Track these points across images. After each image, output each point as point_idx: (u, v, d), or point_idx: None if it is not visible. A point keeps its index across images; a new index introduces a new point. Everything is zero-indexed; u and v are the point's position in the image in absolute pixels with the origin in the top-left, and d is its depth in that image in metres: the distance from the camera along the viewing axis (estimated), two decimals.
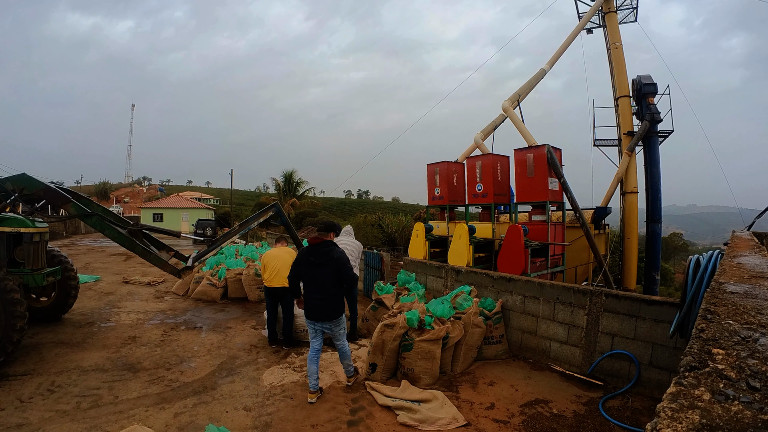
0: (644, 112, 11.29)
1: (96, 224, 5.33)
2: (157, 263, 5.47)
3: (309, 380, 3.92)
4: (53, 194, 5.19)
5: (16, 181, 5.09)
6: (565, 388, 4.24)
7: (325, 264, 3.85)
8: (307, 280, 3.94)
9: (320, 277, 3.85)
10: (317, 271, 3.86)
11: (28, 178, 5.15)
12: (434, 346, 4.25)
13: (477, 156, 8.94)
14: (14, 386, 3.99)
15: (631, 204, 11.69)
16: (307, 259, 3.90)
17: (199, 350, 5.17)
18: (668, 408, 0.73)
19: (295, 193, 30.47)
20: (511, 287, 5.30)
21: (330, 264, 3.85)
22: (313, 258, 3.88)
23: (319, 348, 4.02)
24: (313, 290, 3.89)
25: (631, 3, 13.29)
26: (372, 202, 76.73)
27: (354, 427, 3.45)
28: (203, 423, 3.39)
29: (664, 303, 4.01)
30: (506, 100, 10.56)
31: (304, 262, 3.92)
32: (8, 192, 5.02)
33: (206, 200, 63.99)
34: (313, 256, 3.89)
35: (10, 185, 5.04)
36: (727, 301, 1.52)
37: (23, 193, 5.08)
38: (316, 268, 3.87)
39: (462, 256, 7.33)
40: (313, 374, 3.91)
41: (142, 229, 5.87)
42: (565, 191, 7.97)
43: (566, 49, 12.21)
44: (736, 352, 1.01)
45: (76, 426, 3.32)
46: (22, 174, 5.16)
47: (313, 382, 3.90)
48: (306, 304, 3.95)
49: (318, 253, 3.88)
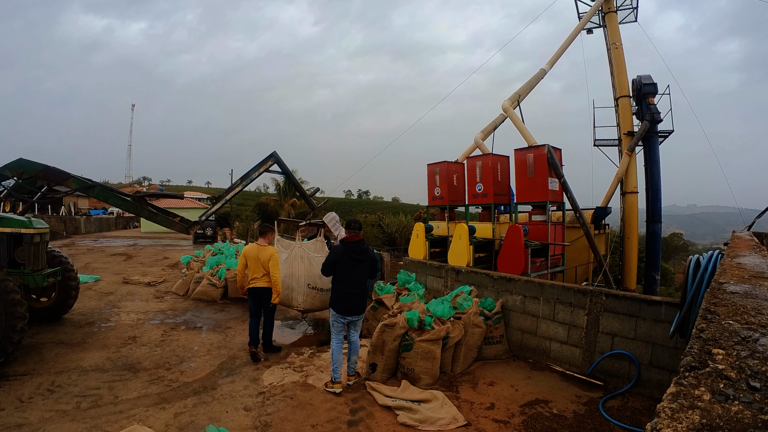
0: (644, 112, 11.28)
1: (99, 195, 5.44)
2: (165, 223, 5.65)
3: (335, 372, 4.10)
4: (53, 173, 5.23)
5: (14, 167, 5.07)
6: (565, 388, 4.23)
7: (363, 261, 4.15)
8: (345, 276, 4.11)
9: (358, 273, 4.13)
10: (357, 268, 4.12)
11: (26, 161, 5.14)
12: (434, 346, 4.25)
13: (477, 156, 8.93)
14: (14, 386, 3.99)
15: (631, 204, 11.69)
16: (348, 256, 4.09)
17: (199, 350, 5.17)
18: (668, 408, 0.73)
19: (295, 193, 30.45)
20: (511, 287, 5.30)
21: (367, 261, 4.18)
22: (354, 255, 4.09)
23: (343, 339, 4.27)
24: (349, 285, 4.10)
25: (631, 3, 13.28)
26: (372, 202, 76.70)
27: (354, 427, 3.45)
28: (203, 423, 3.39)
29: (664, 303, 4.01)
30: (506, 100, 10.56)
31: (345, 258, 4.09)
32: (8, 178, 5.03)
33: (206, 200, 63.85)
34: (354, 252, 4.09)
35: (8, 172, 5.03)
36: (727, 301, 1.52)
37: (23, 177, 5.08)
38: (356, 265, 4.11)
39: (462, 256, 7.33)
40: (341, 364, 4.14)
41: (145, 196, 5.96)
42: (565, 191, 7.96)
43: (566, 49, 12.20)
44: (736, 352, 1.01)
45: (76, 426, 3.32)
46: (19, 159, 5.13)
47: (340, 372, 4.13)
48: (342, 298, 4.10)
49: (358, 250, 4.12)
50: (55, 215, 29.93)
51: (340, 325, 4.18)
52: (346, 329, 4.28)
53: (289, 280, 5.79)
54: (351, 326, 4.27)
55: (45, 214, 28.45)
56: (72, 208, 36.29)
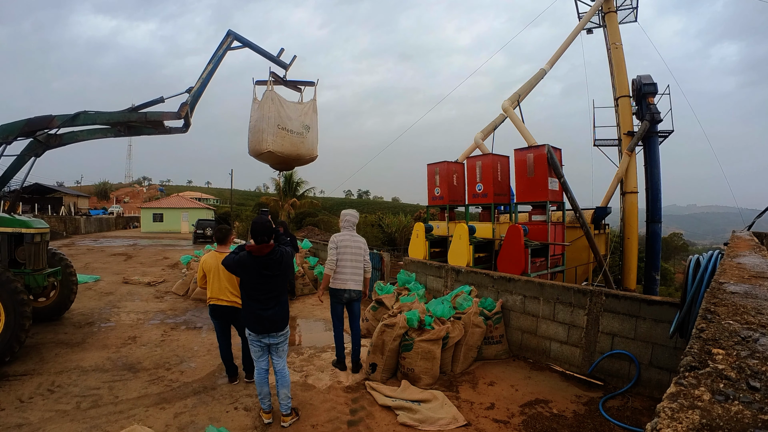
0: (644, 112, 11.29)
1: (87, 119, 5.27)
2: (154, 116, 5.40)
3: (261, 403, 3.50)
4: (36, 121, 5.14)
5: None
6: (565, 388, 4.24)
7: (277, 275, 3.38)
8: (256, 295, 3.30)
9: (273, 289, 3.38)
10: (270, 283, 3.34)
11: (6, 125, 5.07)
12: (434, 346, 4.25)
13: (477, 156, 8.94)
14: (14, 386, 3.99)
15: (631, 204, 11.69)
16: (258, 272, 3.29)
17: (199, 350, 5.17)
18: (668, 408, 0.73)
19: (295, 193, 30.45)
20: (511, 287, 5.30)
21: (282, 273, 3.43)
22: (266, 271, 3.29)
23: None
24: (263, 305, 3.31)
25: (631, 3, 13.28)
26: (372, 202, 76.69)
27: (354, 427, 3.45)
28: (203, 423, 3.39)
29: (664, 303, 4.01)
30: (506, 100, 10.56)
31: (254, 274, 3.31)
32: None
33: (206, 200, 63.98)
34: (265, 268, 3.29)
35: None
36: (727, 301, 1.52)
37: (9, 140, 5.05)
38: (269, 280, 3.31)
39: (462, 256, 7.33)
40: (267, 396, 3.50)
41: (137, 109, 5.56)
42: (565, 191, 7.97)
43: (566, 49, 12.20)
44: (736, 352, 1.01)
45: (76, 426, 3.32)
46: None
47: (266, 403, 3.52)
48: (255, 319, 3.30)
49: (271, 263, 3.33)
50: (55, 215, 29.92)
51: (258, 349, 3.40)
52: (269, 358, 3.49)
53: (260, 123, 5.72)
54: (273, 351, 3.43)
55: (45, 214, 28.44)
56: (72, 208, 36.30)
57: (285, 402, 3.43)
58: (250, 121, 5.99)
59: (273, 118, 5.67)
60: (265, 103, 5.75)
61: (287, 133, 5.73)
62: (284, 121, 5.72)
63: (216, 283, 3.98)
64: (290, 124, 5.73)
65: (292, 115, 5.91)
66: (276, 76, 6.21)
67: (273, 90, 5.88)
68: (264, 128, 5.67)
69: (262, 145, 5.71)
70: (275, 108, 5.71)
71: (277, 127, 5.66)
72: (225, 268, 3.45)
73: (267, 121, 5.68)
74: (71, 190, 52.44)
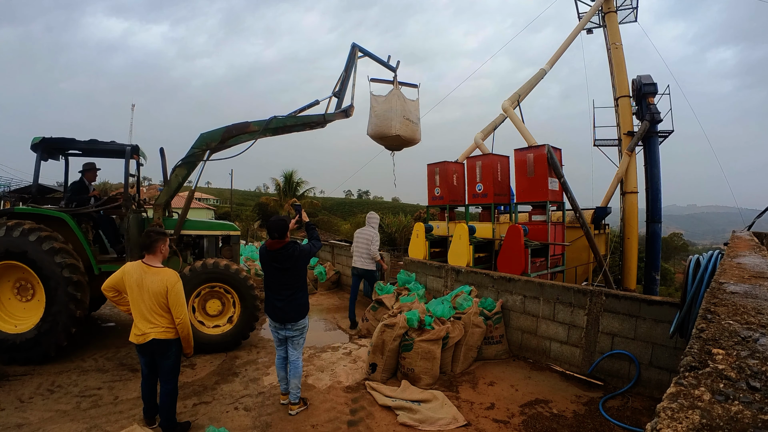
0: (644, 112, 11.29)
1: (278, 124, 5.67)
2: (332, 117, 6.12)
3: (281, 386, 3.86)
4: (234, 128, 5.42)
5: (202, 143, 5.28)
6: (565, 388, 4.24)
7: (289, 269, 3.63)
8: (270, 284, 3.62)
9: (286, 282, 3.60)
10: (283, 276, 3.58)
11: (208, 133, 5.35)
12: (434, 346, 4.25)
13: (477, 156, 8.94)
14: (14, 386, 3.99)
15: (631, 204, 11.69)
16: (270, 265, 3.60)
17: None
18: (668, 408, 0.73)
19: (295, 193, 30.46)
20: (511, 287, 5.30)
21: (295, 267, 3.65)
22: (277, 264, 3.58)
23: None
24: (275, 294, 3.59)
25: (631, 3, 13.29)
26: (372, 202, 76.69)
27: (354, 427, 3.45)
28: (203, 423, 3.39)
29: (664, 303, 4.01)
30: (506, 100, 10.57)
31: (268, 266, 3.63)
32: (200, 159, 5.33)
33: (206, 200, 63.97)
34: (276, 261, 3.55)
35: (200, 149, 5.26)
36: (727, 301, 1.52)
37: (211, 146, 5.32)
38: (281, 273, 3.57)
39: (462, 256, 7.33)
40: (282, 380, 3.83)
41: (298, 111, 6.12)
42: (565, 191, 7.96)
43: (566, 49, 12.21)
44: (736, 352, 1.01)
45: (76, 426, 3.32)
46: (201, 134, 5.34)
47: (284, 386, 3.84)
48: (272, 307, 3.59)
49: (282, 257, 3.57)
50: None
51: (275, 338, 3.71)
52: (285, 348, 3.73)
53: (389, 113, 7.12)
54: (290, 343, 3.67)
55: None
56: None
57: (294, 391, 3.63)
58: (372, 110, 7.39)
59: (399, 110, 7.19)
60: (393, 98, 7.28)
61: (409, 122, 7.28)
62: (407, 113, 7.24)
63: (137, 305, 3.02)
64: (410, 116, 7.29)
65: (410, 109, 7.48)
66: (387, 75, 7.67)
67: (398, 88, 7.34)
68: (392, 117, 7.17)
69: (392, 130, 7.16)
70: (400, 102, 7.27)
71: (402, 117, 7.21)
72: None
73: (395, 112, 7.16)
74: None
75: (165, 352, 3.10)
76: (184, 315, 3.06)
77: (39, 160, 5.12)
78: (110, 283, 3.09)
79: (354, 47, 6.66)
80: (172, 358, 3.15)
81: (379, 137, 7.52)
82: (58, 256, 4.46)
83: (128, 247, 5.05)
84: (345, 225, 23.52)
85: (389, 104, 7.28)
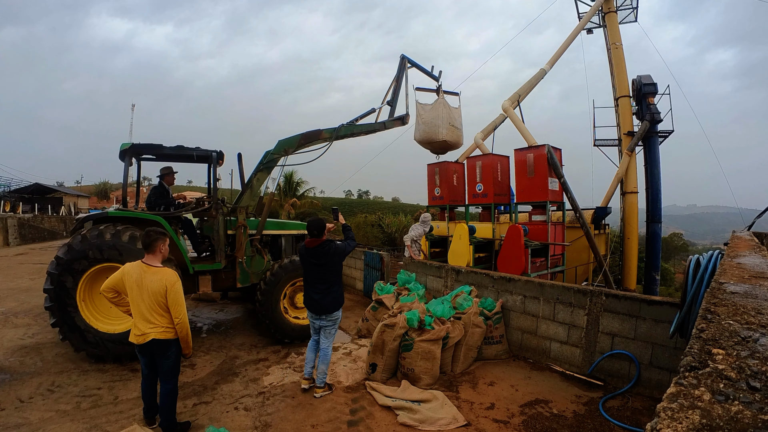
0: (644, 112, 11.28)
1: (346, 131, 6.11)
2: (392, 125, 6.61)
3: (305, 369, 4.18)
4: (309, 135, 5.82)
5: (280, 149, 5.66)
6: (565, 388, 4.24)
7: (325, 264, 3.93)
8: (308, 278, 4.01)
9: (322, 277, 3.99)
10: (319, 271, 3.97)
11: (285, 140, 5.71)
12: (434, 346, 4.25)
13: (477, 156, 8.94)
14: (14, 386, 3.99)
15: (631, 204, 11.69)
16: (308, 261, 3.99)
17: (199, 350, 5.17)
18: (668, 408, 0.73)
19: (295, 193, 30.44)
20: (511, 287, 5.30)
21: (330, 263, 3.96)
22: (314, 260, 3.95)
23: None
24: (312, 288, 4.00)
25: (631, 3, 13.28)
26: (372, 202, 76.62)
27: (354, 427, 3.45)
28: (203, 423, 3.39)
29: (664, 303, 4.01)
30: (506, 100, 10.56)
31: (306, 262, 4.01)
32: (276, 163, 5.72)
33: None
34: (313, 257, 3.95)
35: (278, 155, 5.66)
36: (727, 301, 1.52)
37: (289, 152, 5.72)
38: (317, 269, 3.95)
39: (462, 256, 7.33)
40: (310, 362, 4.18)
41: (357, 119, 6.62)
42: (565, 191, 7.96)
43: (566, 48, 12.20)
44: (736, 352, 1.01)
45: (76, 426, 3.32)
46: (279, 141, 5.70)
47: (308, 370, 4.17)
48: (309, 300, 3.99)
49: (318, 254, 3.95)
50: (55, 215, 29.91)
51: (312, 327, 4.10)
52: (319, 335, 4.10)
53: (436, 120, 7.83)
54: (322, 332, 4.01)
55: (45, 214, 28.43)
56: (72, 208, 36.28)
57: (321, 376, 3.98)
58: (419, 117, 8.05)
59: (446, 117, 7.89)
60: (439, 106, 7.97)
61: (454, 128, 8.02)
62: (452, 120, 7.98)
63: (137, 305, 3.01)
64: (454, 122, 8.03)
65: (455, 116, 8.16)
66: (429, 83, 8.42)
67: (443, 96, 8.05)
68: (439, 124, 7.86)
69: (438, 136, 7.88)
70: (446, 110, 7.97)
71: (448, 123, 7.90)
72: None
73: (441, 119, 7.84)
74: (71, 190, 52.36)
75: (165, 352, 3.11)
76: (183, 315, 3.06)
77: (127, 165, 5.20)
78: (110, 284, 3.08)
79: (403, 58, 7.00)
80: (172, 358, 3.15)
81: (426, 142, 8.21)
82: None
83: (218, 247, 5.26)
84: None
85: (436, 112, 7.95)
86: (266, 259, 5.58)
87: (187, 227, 5.72)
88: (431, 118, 7.90)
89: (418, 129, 8.12)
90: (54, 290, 4.30)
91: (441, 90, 8.12)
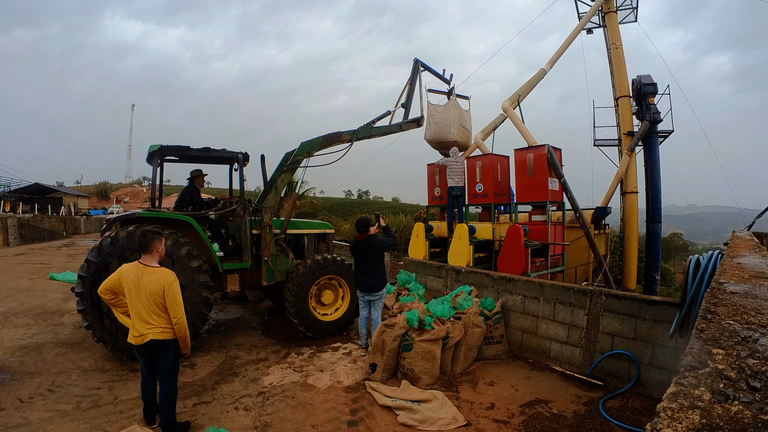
0: (644, 112, 11.27)
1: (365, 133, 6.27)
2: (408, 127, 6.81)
3: (360, 340, 5.25)
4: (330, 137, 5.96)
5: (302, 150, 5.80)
6: (565, 388, 4.24)
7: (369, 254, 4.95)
8: (358, 265, 5.07)
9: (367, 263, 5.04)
10: (365, 259, 5.03)
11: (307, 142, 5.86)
12: (434, 346, 4.25)
13: (477, 156, 8.92)
14: (14, 386, 3.99)
15: (631, 204, 11.68)
16: (356, 251, 5.05)
17: (199, 350, 5.17)
18: (668, 408, 0.73)
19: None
20: (511, 287, 5.30)
21: (373, 253, 4.95)
22: (361, 250, 5.00)
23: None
24: (361, 272, 5.06)
25: (631, 3, 13.28)
26: (372, 202, 76.59)
27: (354, 427, 3.45)
28: (203, 423, 3.39)
29: (664, 303, 4.01)
30: (506, 100, 10.56)
31: (355, 252, 5.06)
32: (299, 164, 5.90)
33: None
34: (360, 248, 5.00)
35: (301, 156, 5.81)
36: (727, 301, 1.52)
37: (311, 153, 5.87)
38: (363, 257, 5.04)
39: (462, 256, 7.32)
40: (364, 335, 5.18)
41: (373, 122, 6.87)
42: (565, 191, 7.96)
43: (566, 49, 12.19)
44: (736, 352, 1.01)
45: (76, 426, 3.32)
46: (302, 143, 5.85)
47: (364, 341, 5.15)
48: (359, 281, 5.07)
49: (363, 246, 4.97)
50: (55, 215, 29.91)
51: (362, 302, 5.13)
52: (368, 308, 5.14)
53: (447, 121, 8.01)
54: (372, 305, 5.06)
55: (45, 214, 28.43)
56: (72, 208, 36.28)
57: (364, 341, 5.09)
58: (431, 117, 8.21)
59: (456, 119, 8.19)
60: (450, 108, 8.27)
61: (464, 129, 8.36)
62: (462, 121, 8.26)
63: (134, 306, 3.00)
64: (465, 124, 8.36)
65: (465, 118, 8.47)
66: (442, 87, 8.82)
67: (454, 99, 8.34)
68: (450, 125, 8.12)
69: (449, 136, 8.16)
70: (457, 112, 8.26)
71: (459, 125, 8.17)
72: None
73: (452, 120, 8.11)
74: (71, 190, 52.40)
75: (163, 353, 3.09)
76: (181, 315, 3.04)
77: (156, 167, 5.22)
78: (107, 286, 3.06)
79: (416, 62, 7.11)
80: (171, 359, 3.14)
81: (436, 142, 8.44)
82: (194, 261, 4.69)
83: (245, 247, 5.37)
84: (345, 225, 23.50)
85: (447, 113, 8.23)
86: (290, 257, 5.74)
87: (213, 227, 5.78)
88: (443, 119, 8.15)
89: (429, 129, 8.32)
90: (87, 293, 4.28)
91: (453, 93, 8.38)
